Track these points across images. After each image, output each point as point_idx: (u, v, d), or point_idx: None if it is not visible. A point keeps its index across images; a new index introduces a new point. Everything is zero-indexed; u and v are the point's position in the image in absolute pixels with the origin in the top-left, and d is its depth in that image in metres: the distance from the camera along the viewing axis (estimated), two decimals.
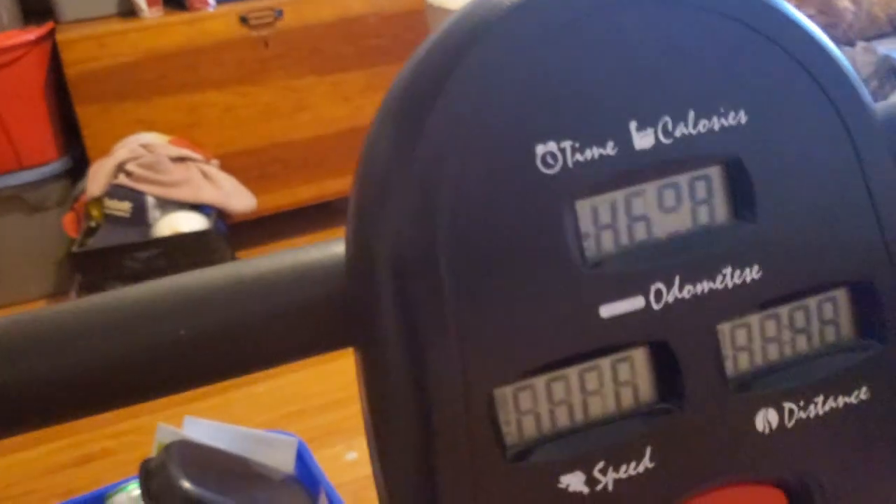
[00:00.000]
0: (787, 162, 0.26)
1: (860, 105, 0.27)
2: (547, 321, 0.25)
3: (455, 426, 0.24)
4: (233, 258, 2.39)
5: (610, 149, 0.25)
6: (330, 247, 0.27)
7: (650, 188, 0.26)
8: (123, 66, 2.33)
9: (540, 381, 0.26)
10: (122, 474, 1.19)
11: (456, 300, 0.24)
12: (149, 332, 0.26)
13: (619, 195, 0.26)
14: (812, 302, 0.27)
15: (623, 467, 0.26)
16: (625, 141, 0.25)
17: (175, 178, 2.24)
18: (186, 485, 0.86)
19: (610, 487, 0.26)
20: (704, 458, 0.26)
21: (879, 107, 0.28)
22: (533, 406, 0.26)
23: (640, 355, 0.26)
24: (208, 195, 2.30)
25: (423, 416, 0.25)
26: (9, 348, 0.25)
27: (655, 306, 0.26)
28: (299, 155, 2.62)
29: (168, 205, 2.26)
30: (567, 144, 0.25)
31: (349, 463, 1.62)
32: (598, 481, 0.26)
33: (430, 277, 0.24)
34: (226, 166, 2.43)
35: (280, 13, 2.44)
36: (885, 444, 0.28)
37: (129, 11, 2.43)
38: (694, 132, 0.25)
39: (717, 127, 0.26)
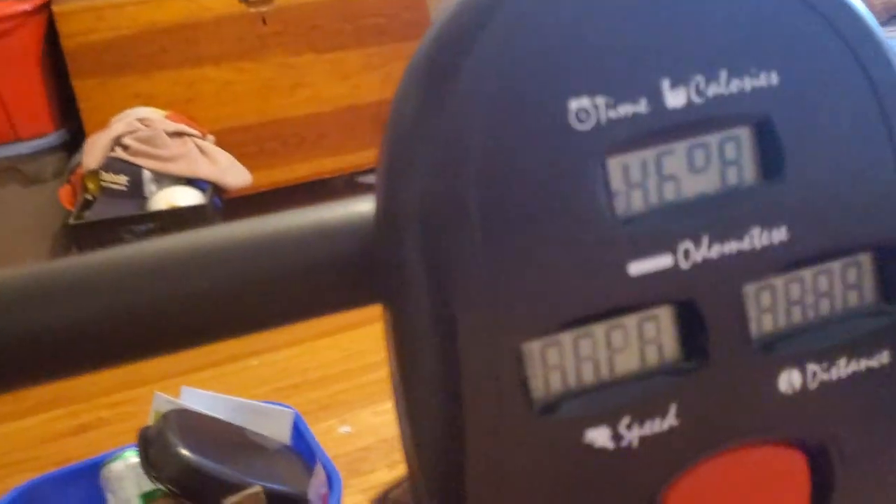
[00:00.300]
0: (817, 124, 0.26)
1: (890, 69, 0.27)
2: (576, 277, 0.25)
3: (484, 380, 0.24)
4: None
5: (643, 106, 0.25)
6: (357, 203, 0.27)
7: (680, 147, 0.26)
8: (122, 40, 2.32)
9: (567, 337, 0.26)
10: (117, 443, 1.20)
11: (485, 255, 0.24)
12: (173, 283, 0.26)
13: (649, 154, 0.26)
14: (836, 265, 0.27)
15: (648, 424, 0.26)
16: (657, 99, 0.25)
17: (171, 152, 2.24)
18: (185, 452, 0.88)
19: (634, 444, 0.26)
20: (728, 417, 0.27)
21: None
22: (560, 361, 0.26)
23: (666, 314, 0.27)
24: (204, 170, 2.30)
25: (452, 369, 0.24)
26: (34, 294, 0.25)
27: (683, 265, 0.26)
28: (296, 132, 2.62)
29: (164, 179, 2.26)
30: (601, 101, 0.24)
31: (343, 436, 1.63)
32: (622, 437, 0.26)
33: (460, 232, 0.24)
34: (222, 142, 2.43)
35: None
36: None
37: None
38: (726, 92, 0.25)
39: (748, 87, 0.26)
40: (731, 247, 0.26)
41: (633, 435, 0.26)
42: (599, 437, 0.26)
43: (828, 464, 0.28)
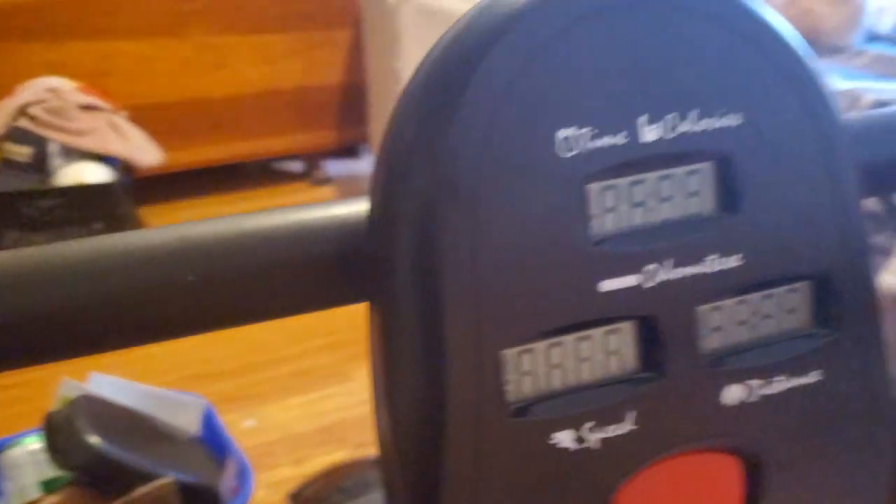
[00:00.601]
0: (771, 163, 0.29)
1: (834, 119, 0.30)
2: (553, 291, 0.27)
3: (464, 382, 0.26)
4: (135, 213, 2.32)
5: (621, 139, 0.27)
6: (344, 205, 0.29)
7: (651, 177, 0.28)
8: (35, 4, 2.22)
9: (541, 346, 0.28)
10: (12, 429, 1.15)
11: (474, 265, 0.26)
12: (156, 274, 0.26)
13: (623, 182, 0.28)
14: (780, 291, 0.30)
15: (607, 428, 0.28)
16: (634, 133, 0.27)
17: (81, 126, 2.16)
18: (94, 440, 0.85)
19: (595, 446, 0.28)
20: (677, 424, 0.29)
21: (847, 121, 0.31)
22: (533, 367, 0.28)
23: (628, 328, 0.29)
24: (115, 147, 2.23)
25: (436, 370, 0.26)
26: (19, 279, 0.25)
27: (646, 285, 0.28)
28: (213, 113, 2.56)
29: (72, 153, 2.18)
30: (585, 131, 0.27)
31: (247, 430, 1.61)
32: (584, 439, 0.28)
33: (451, 243, 0.26)
34: (135, 118, 2.35)
35: None
36: (831, 423, 0.31)
37: None
38: (694, 129, 0.28)
39: (715, 126, 0.28)
40: (690, 270, 0.29)
41: (594, 437, 0.28)
42: (564, 438, 0.28)
43: (760, 471, 0.31)
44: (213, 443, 1.08)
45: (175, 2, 2.38)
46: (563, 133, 0.27)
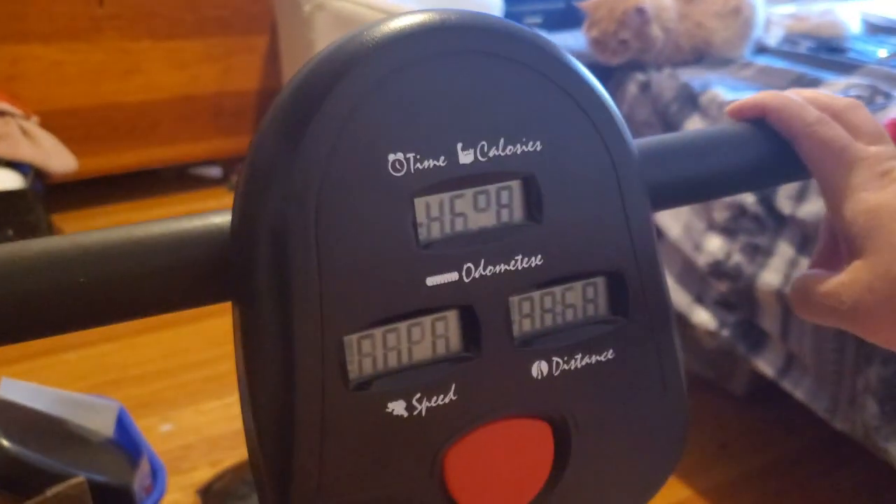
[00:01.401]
0: (568, 180, 0.35)
1: (623, 141, 0.37)
2: (388, 287, 0.32)
3: (312, 364, 0.31)
4: (48, 220, 2.29)
5: (441, 161, 0.33)
6: (215, 216, 0.34)
7: (468, 193, 0.34)
8: None
9: (378, 332, 0.33)
10: None
11: (319, 266, 0.31)
12: (53, 277, 0.31)
13: (445, 196, 0.34)
14: (579, 285, 0.37)
15: (434, 398, 0.34)
16: (453, 156, 0.33)
17: None
18: (5, 443, 0.87)
19: (423, 413, 0.34)
20: (494, 395, 0.35)
21: (636, 143, 0.38)
22: (372, 350, 0.33)
23: (452, 316, 0.34)
24: (26, 153, 2.20)
25: (287, 356, 0.31)
26: None
27: (466, 280, 0.34)
28: (128, 119, 2.55)
29: None
30: (411, 155, 0.32)
31: (164, 434, 1.62)
32: (415, 408, 0.33)
33: (301, 247, 0.31)
34: (47, 124, 2.33)
35: None
36: (625, 393, 0.37)
37: None
38: (503, 154, 0.34)
39: (520, 151, 0.34)
40: (501, 268, 0.34)
41: (422, 406, 0.33)
42: (397, 407, 0.33)
43: (566, 433, 0.37)
44: (127, 444, 1.10)
45: (87, 6, 2.36)
46: (393, 157, 0.32)
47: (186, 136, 2.65)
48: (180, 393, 1.74)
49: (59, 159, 2.30)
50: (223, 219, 0.34)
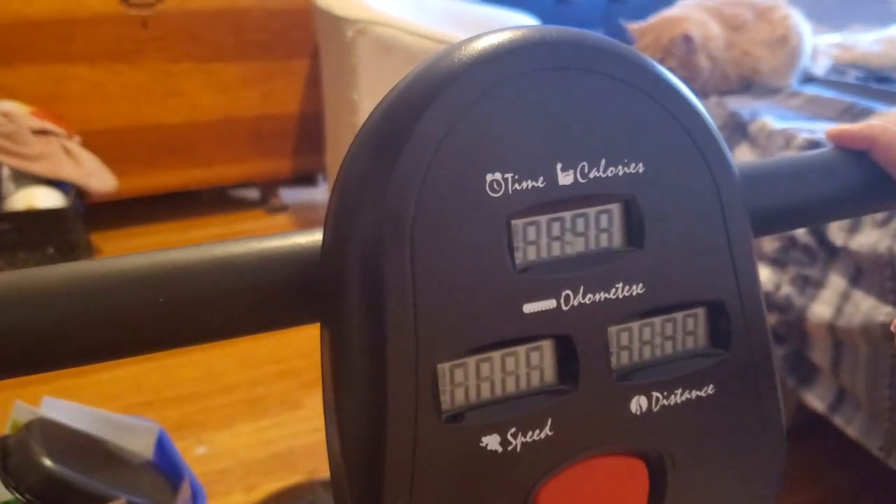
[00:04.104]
0: (671, 204, 0.34)
1: (726, 164, 0.35)
2: (483, 313, 0.31)
3: (405, 393, 0.30)
4: (88, 238, 2.31)
5: (540, 182, 0.32)
6: (298, 236, 0.33)
7: (567, 215, 0.33)
8: None
9: (472, 361, 0.32)
10: None
11: (414, 288, 0.30)
12: (132, 296, 0.30)
13: (543, 219, 0.32)
14: (679, 316, 0.35)
15: (529, 433, 0.32)
16: (552, 177, 0.32)
17: (35, 151, 2.15)
18: (48, 462, 0.86)
19: (518, 449, 0.32)
20: (591, 431, 0.33)
21: (737, 165, 0.36)
22: (464, 380, 0.32)
23: (548, 346, 0.33)
24: (68, 172, 2.22)
25: (379, 383, 0.30)
26: (3, 300, 0.28)
27: (564, 307, 0.32)
28: (167, 140, 2.57)
29: (24, 178, 2.17)
30: (509, 175, 0.31)
31: (199, 457, 1.61)
32: (509, 443, 0.32)
33: (396, 269, 0.30)
34: (89, 144, 2.35)
35: None
36: (724, 430, 0.35)
37: None
38: (603, 175, 0.33)
39: (621, 173, 0.33)
40: (601, 296, 0.33)
41: (517, 441, 0.32)
42: (492, 441, 0.32)
43: (662, 471, 0.35)
44: (167, 467, 1.09)
45: (131, 28, 2.39)
46: (491, 177, 0.31)
47: (226, 157, 2.67)
48: (215, 416, 1.74)
49: (99, 179, 2.32)
50: (307, 239, 0.33)
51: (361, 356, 0.30)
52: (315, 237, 0.33)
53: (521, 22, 2.47)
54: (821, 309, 1.25)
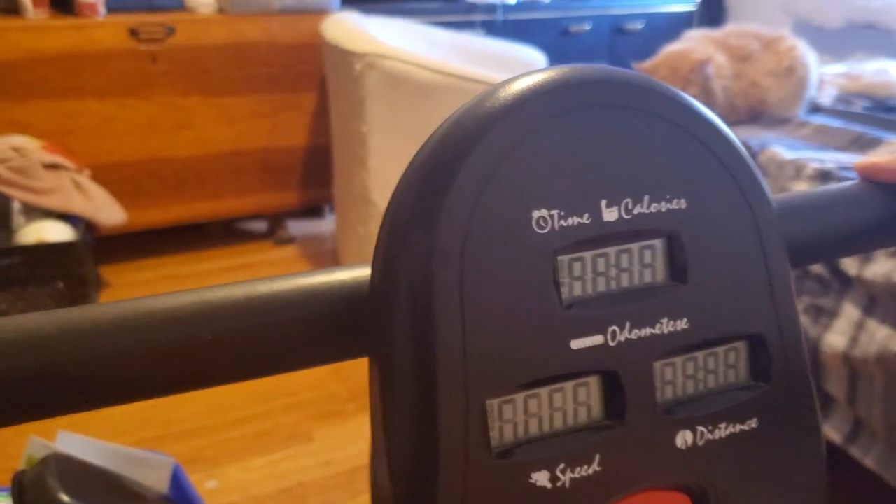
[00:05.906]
0: (712, 238, 0.34)
1: (764, 199, 0.35)
2: (531, 349, 0.31)
3: (456, 429, 0.30)
4: (97, 272, 2.32)
5: (586, 218, 0.32)
6: (341, 272, 0.33)
7: (611, 251, 0.33)
8: (0, 65, 2.24)
9: (520, 397, 0.32)
10: None
11: (463, 323, 0.30)
12: (180, 333, 0.30)
13: (588, 254, 0.33)
14: (721, 350, 0.35)
15: (578, 469, 0.32)
16: (596, 214, 0.32)
17: (46, 185, 2.16)
18: (65, 498, 0.85)
19: (567, 485, 0.32)
20: (638, 466, 0.33)
21: (774, 198, 0.37)
22: (513, 416, 0.32)
23: (594, 381, 0.33)
24: (78, 205, 2.23)
25: (429, 419, 0.30)
26: (48, 338, 0.29)
27: (611, 343, 0.33)
28: (177, 173, 2.58)
29: (34, 212, 2.18)
30: (555, 212, 0.32)
31: (209, 491, 1.60)
32: (558, 479, 0.32)
33: (446, 304, 0.30)
34: (98, 178, 2.37)
35: (171, 30, 2.42)
36: (768, 463, 0.36)
37: (11, 9, 2.34)
38: (647, 211, 0.33)
39: (664, 209, 0.33)
40: (647, 331, 0.33)
41: (566, 478, 0.32)
42: (541, 478, 0.32)
43: None
44: (182, 501, 1.08)
45: (140, 63, 2.42)
46: (537, 213, 0.31)
47: (234, 190, 2.68)
48: (224, 450, 1.73)
49: (108, 212, 2.33)
50: (350, 275, 0.33)
51: (411, 392, 0.30)
52: (358, 273, 0.33)
53: (527, 55, 2.49)
54: (835, 339, 1.25)
